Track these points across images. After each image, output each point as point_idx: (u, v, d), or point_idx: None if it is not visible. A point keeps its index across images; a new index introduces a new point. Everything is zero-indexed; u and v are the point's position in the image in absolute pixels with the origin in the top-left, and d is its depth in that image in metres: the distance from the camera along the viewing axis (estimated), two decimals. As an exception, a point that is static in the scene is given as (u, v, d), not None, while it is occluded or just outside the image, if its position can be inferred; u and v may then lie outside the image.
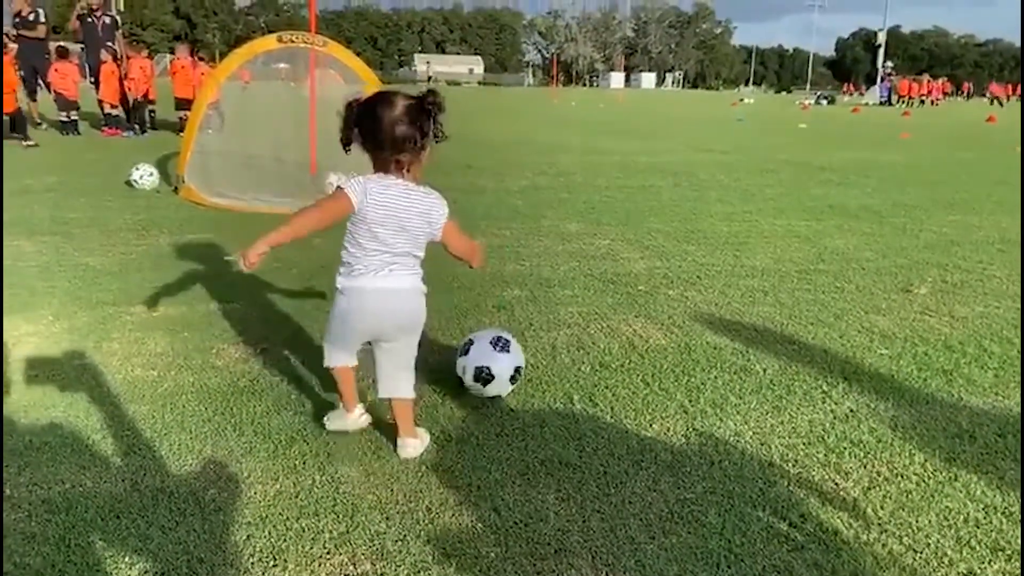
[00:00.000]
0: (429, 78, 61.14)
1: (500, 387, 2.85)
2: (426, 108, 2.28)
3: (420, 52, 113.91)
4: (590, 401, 2.90)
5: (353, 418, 2.62)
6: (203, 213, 6.47)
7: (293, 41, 7.31)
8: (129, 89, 13.18)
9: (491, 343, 2.86)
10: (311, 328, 3.62)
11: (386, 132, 2.25)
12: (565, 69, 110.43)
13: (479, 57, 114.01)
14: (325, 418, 2.66)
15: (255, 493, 2.23)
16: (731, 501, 2.20)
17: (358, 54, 8.27)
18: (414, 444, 2.46)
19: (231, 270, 4.63)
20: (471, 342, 2.93)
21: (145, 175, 7.52)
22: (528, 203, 7.46)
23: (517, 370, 2.88)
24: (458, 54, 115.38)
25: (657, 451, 2.51)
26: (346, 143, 2.35)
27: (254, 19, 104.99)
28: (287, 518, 2.11)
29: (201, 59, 15.50)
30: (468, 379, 2.87)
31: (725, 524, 2.09)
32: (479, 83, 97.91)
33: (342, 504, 2.18)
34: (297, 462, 2.41)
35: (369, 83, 7.53)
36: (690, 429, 2.68)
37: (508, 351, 2.87)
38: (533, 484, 2.29)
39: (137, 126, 13.21)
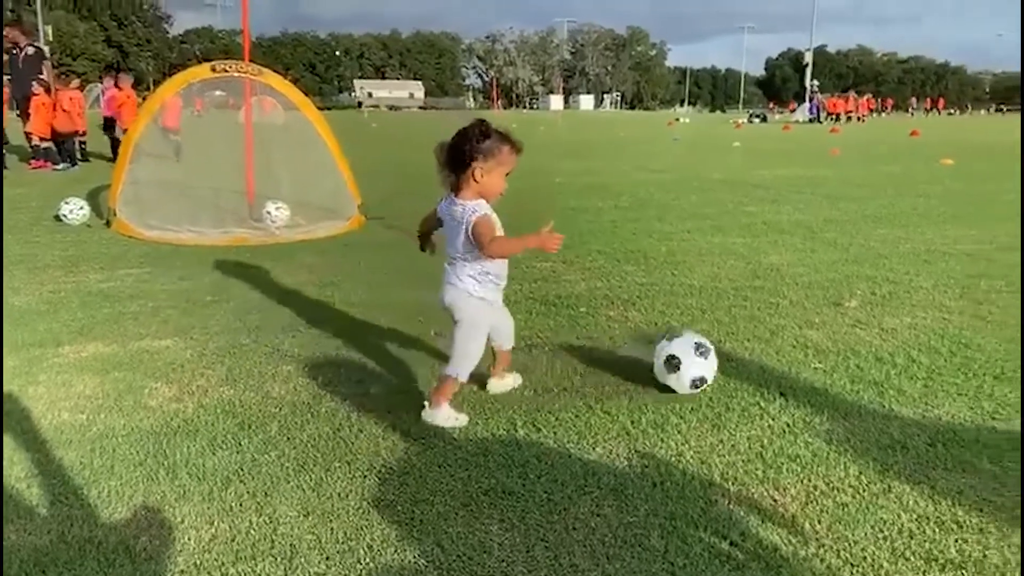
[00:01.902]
0: (359, 104, 60.78)
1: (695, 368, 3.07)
2: (471, 135, 2.77)
3: (360, 78, 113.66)
4: (533, 426, 2.89)
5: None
6: (136, 247, 6.30)
7: (227, 70, 7.21)
8: (57, 121, 12.80)
9: (694, 345, 3.10)
10: (247, 363, 3.54)
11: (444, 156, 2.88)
12: (505, 92, 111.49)
13: (419, 82, 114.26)
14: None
15: (189, 539, 2.15)
16: (673, 523, 2.21)
17: (296, 81, 8.22)
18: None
19: (164, 305, 4.51)
20: (677, 334, 3.18)
21: (75, 209, 7.29)
22: (470, 227, 7.45)
23: (702, 379, 3.10)
24: (398, 79, 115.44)
25: (600, 475, 2.52)
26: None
27: (189, 47, 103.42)
28: (223, 563, 2.04)
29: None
30: (659, 364, 3.13)
31: (668, 547, 2.10)
32: (420, 107, 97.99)
33: (280, 546, 2.12)
34: (233, 504, 2.34)
35: (305, 110, 7.48)
36: (632, 451, 2.70)
37: (707, 358, 3.10)
38: (477, 515, 2.27)
39: (68, 159, 12.84)
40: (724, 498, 2.36)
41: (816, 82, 51.25)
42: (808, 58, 56.68)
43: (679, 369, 3.07)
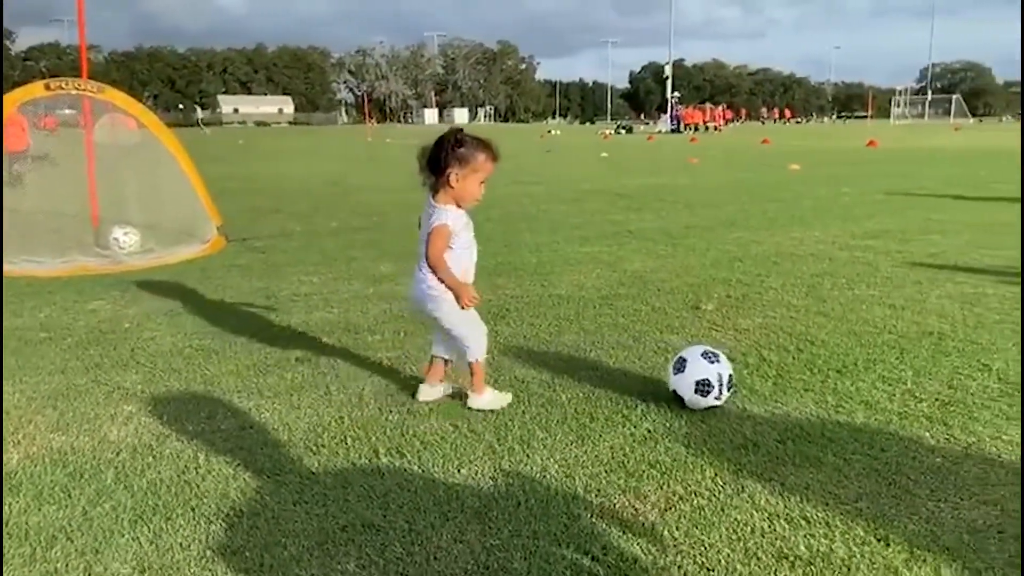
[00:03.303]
0: (198, 122, 58.13)
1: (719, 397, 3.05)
2: (447, 142, 2.92)
3: (224, 93, 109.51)
4: (397, 453, 2.80)
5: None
6: (-40, 282, 5.71)
7: (63, 87, 6.71)
8: None
9: (703, 356, 3.06)
10: (82, 405, 3.26)
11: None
12: (379, 107, 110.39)
13: (288, 97, 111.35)
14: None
15: (3, 611, 1.92)
16: (536, 542, 2.18)
17: (155, 97, 7.78)
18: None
19: (-9, 346, 4.09)
20: (684, 360, 3.08)
21: None
22: (339, 245, 7.28)
23: (730, 377, 3.07)
24: (265, 94, 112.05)
25: (464, 498, 2.45)
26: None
27: (33, 64, 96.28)
28: (42, 636, 1.83)
29: None
30: (689, 394, 3.03)
31: (531, 568, 2.06)
32: (290, 123, 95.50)
33: (111, 609, 1.93)
34: (59, 564, 2.12)
35: (153, 129, 7.06)
36: (497, 470, 2.65)
37: (719, 361, 3.07)
38: (332, 554, 2.15)
39: None
40: (587, 511, 2.35)
41: (677, 94, 53.73)
42: (668, 71, 59.25)
43: (707, 395, 3.02)
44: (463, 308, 3.02)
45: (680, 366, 3.09)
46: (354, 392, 3.40)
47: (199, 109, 69.08)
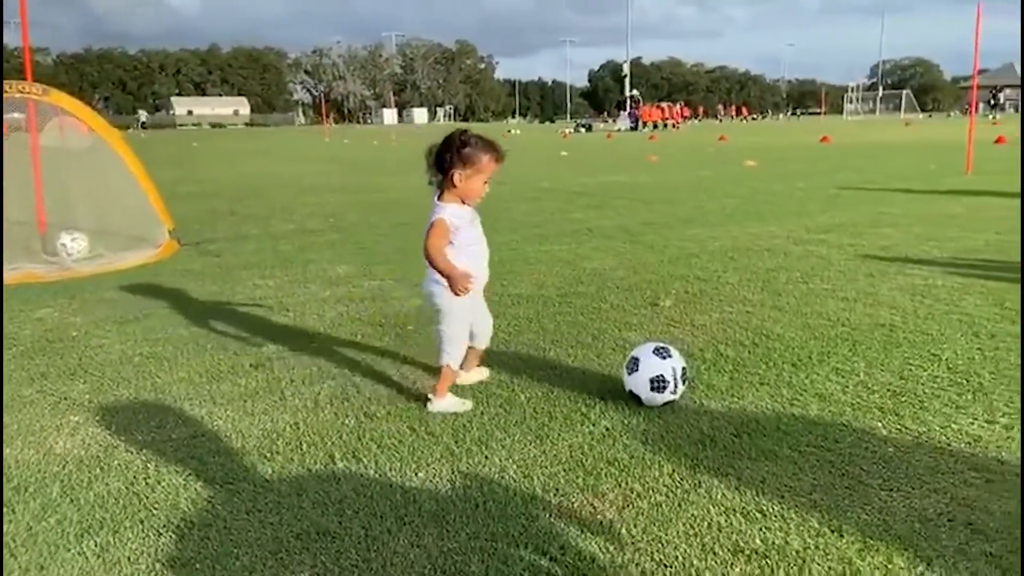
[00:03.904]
0: (142, 124, 56.64)
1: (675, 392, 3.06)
2: (452, 142, 3.00)
3: (178, 95, 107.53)
4: (353, 457, 2.76)
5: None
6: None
7: (7, 91, 6.50)
8: None
9: (655, 352, 3.08)
10: (27, 417, 3.16)
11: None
12: (336, 107, 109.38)
13: (244, 98, 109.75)
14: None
15: (-62, 635, 1.84)
16: (494, 544, 2.16)
17: (106, 99, 7.58)
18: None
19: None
20: (637, 359, 3.09)
21: None
22: (295, 247, 7.18)
23: (683, 371, 3.08)
24: (220, 95, 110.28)
25: (421, 501, 2.42)
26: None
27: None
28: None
29: None
30: (645, 392, 3.04)
31: (488, 570, 2.04)
32: (246, 124, 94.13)
33: (54, 628, 1.86)
34: (0, 584, 2.04)
35: (100, 131, 6.89)
36: (455, 472, 2.63)
37: (671, 356, 3.07)
38: (286, 564, 2.10)
39: None
40: (545, 511, 2.34)
41: (636, 92, 54.13)
42: (626, 70, 59.71)
43: (663, 391, 3.03)
44: (456, 295, 3.00)
45: (634, 366, 3.10)
46: (310, 397, 3.35)
47: (142, 113, 67.07)
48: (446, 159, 2.99)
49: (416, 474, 2.62)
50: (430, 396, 3.18)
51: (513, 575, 2.02)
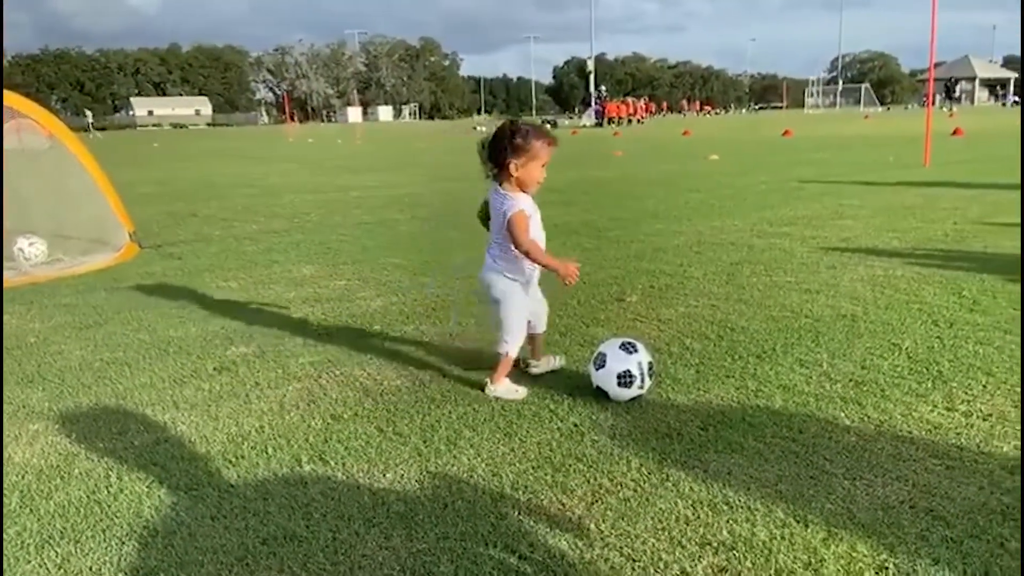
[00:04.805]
0: (90, 126, 55.11)
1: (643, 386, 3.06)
2: (504, 134, 3.08)
3: (137, 95, 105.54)
4: (320, 460, 2.73)
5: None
6: None
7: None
8: None
9: (621, 348, 3.09)
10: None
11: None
12: (300, 106, 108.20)
13: (205, 97, 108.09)
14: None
15: None
16: (463, 544, 2.15)
17: (63, 100, 7.39)
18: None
19: None
20: (604, 355, 3.09)
21: None
22: (259, 249, 7.09)
23: (650, 365, 3.09)
24: (181, 95, 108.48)
25: (390, 503, 2.41)
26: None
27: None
28: None
29: None
30: (612, 388, 3.05)
31: (457, 570, 2.03)
32: (208, 124, 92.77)
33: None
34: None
35: (56, 132, 6.74)
36: (424, 472, 2.61)
37: (637, 351, 3.08)
38: (253, 569, 2.08)
39: None
40: (514, 509, 2.34)
41: (603, 87, 54.35)
42: (590, 66, 59.92)
43: (630, 386, 3.05)
44: (567, 285, 3.13)
45: (600, 362, 3.11)
46: (275, 400, 3.31)
47: (88, 113, 65.13)
48: (501, 151, 3.08)
49: (384, 475, 2.60)
50: (487, 380, 3.28)
51: (482, 574, 2.02)
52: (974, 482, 2.40)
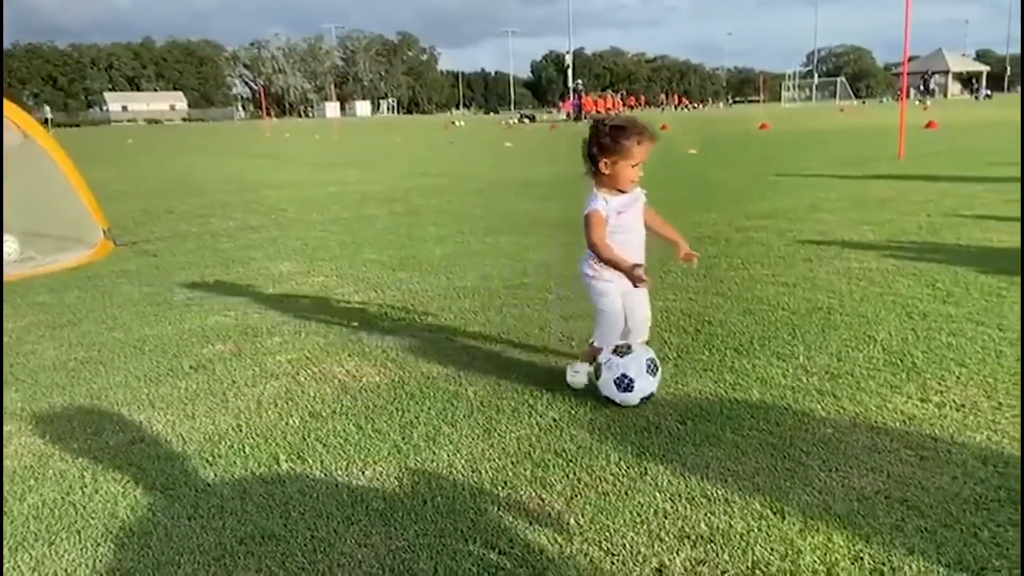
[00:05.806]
0: (47, 120, 53.87)
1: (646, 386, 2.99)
2: (594, 134, 3.08)
3: (111, 90, 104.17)
4: (298, 458, 2.71)
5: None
6: None
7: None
8: None
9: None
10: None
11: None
12: (277, 101, 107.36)
13: (180, 92, 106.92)
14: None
15: None
16: (443, 540, 2.15)
17: (35, 96, 7.27)
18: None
19: None
20: (599, 364, 3.06)
21: None
22: (236, 246, 7.02)
23: (650, 361, 3.04)
24: (155, 90, 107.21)
25: (369, 500, 2.40)
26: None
27: None
28: None
29: None
30: (614, 393, 2.99)
31: (437, 567, 2.03)
32: (184, 120, 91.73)
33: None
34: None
35: (27, 128, 6.62)
36: (403, 469, 2.61)
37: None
38: (230, 569, 2.06)
39: None
40: (493, 505, 2.34)
41: (580, 82, 54.36)
42: (569, 60, 59.92)
43: (632, 389, 2.96)
44: (636, 287, 3.11)
45: (597, 372, 3.09)
46: (252, 398, 3.28)
47: (47, 108, 63.65)
48: (593, 150, 3.08)
49: (363, 473, 2.59)
50: (570, 363, 3.32)
51: (462, 570, 2.02)
52: (947, 472, 2.43)
